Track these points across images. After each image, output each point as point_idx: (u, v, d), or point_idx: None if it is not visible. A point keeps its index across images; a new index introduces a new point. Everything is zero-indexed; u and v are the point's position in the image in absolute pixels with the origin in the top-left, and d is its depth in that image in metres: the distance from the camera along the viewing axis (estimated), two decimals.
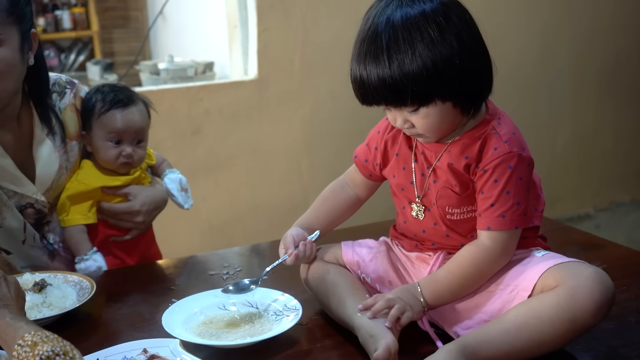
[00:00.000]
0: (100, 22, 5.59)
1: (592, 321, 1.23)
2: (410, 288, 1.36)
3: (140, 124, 1.88)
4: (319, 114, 3.42)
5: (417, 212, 1.44)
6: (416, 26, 1.25)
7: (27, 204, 1.79)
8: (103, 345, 1.36)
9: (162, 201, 1.97)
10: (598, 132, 4.15)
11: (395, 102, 1.29)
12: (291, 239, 1.49)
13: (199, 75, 3.62)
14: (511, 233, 1.32)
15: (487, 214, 1.32)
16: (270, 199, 3.42)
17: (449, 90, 1.27)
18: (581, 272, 1.25)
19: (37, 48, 1.73)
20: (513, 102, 3.82)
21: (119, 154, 1.85)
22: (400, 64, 1.24)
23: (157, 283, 1.74)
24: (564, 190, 4.04)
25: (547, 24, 3.85)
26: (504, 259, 1.34)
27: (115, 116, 1.85)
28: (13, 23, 1.62)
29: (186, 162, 3.16)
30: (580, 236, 1.94)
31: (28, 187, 1.78)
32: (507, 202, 1.31)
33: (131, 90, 1.93)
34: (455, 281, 1.34)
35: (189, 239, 3.26)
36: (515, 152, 1.31)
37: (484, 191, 1.32)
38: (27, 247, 1.81)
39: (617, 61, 4.09)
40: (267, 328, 1.43)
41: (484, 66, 1.32)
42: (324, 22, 3.30)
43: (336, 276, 1.48)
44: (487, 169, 1.31)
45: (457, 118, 1.33)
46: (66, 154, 1.86)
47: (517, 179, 1.31)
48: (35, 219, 1.83)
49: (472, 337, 1.26)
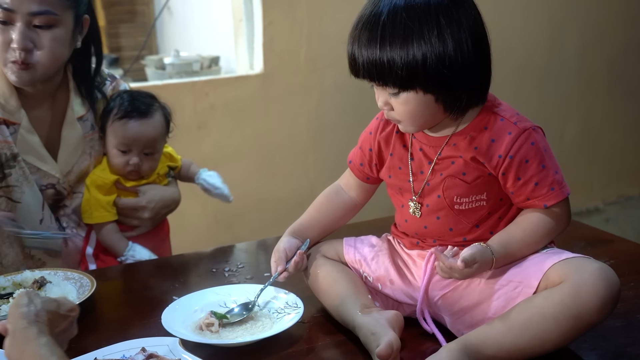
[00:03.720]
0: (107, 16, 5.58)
1: (597, 318, 1.21)
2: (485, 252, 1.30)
3: (151, 136, 1.87)
4: (325, 107, 3.39)
5: (414, 210, 1.42)
6: (417, 15, 1.23)
7: (48, 184, 1.81)
8: (102, 344, 1.35)
9: (171, 200, 1.97)
10: (607, 124, 4.11)
11: (378, 80, 1.29)
12: (283, 254, 1.47)
13: (205, 70, 3.61)
14: (566, 200, 1.35)
15: (537, 194, 1.32)
16: (276, 193, 3.41)
17: (432, 84, 1.26)
18: (585, 268, 1.22)
19: (86, 32, 1.80)
20: (521, 94, 3.79)
21: (127, 162, 1.86)
22: (391, 48, 1.24)
23: (159, 280, 1.73)
24: (573, 184, 3.96)
25: (555, 15, 3.82)
26: (568, 221, 1.37)
27: (125, 126, 1.85)
28: (70, 7, 1.71)
29: (192, 156, 3.12)
30: (588, 231, 1.91)
31: (51, 165, 1.81)
32: (548, 175, 1.31)
33: (152, 99, 1.92)
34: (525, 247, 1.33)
35: (195, 233, 3.25)
36: (529, 127, 1.31)
37: (520, 176, 1.31)
38: (44, 227, 1.82)
39: (627, 52, 4.05)
40: (268, 326, 1.41)
41: (479, 75, 1.29)
42: (329, 15, 3.28)
43: (338, 274, 1.46)
44: (513, 154, 1.30)
45: (438, 114, 1.31)
46: (93, 141, 1.90)
47: (543, 151, 1.32)
48: (53, 200, 1.84)
49: (474, 335, 1.24)
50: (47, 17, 1.64)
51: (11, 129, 1.73)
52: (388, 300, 1.46)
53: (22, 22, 1.62)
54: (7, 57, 1.66)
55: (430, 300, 1.40)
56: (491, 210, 1.36)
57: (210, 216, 3.31)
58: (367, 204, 1.61)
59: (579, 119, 4.02)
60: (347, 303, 1.38)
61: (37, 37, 1.65)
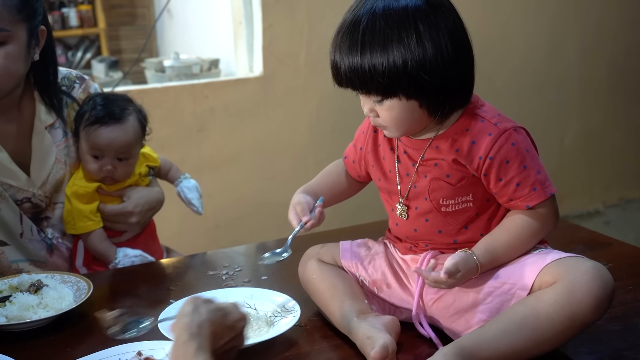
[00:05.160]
0: (107, 19, 5.58)
1: (592, 317, 1.20)
2: (468, 259, 1.31)
3: (123, 142, 1.81)
4: (325, 110, 3.39)
5: (401, 212, 1.42)
6: (395, 21, 1.24)
7: (23, 198, 1.77)
8: (98, 347, 1.35)
9: (156, 201, 1.94)
10: (608, 127, 4.10)
11: (361, 89, 1.30)
12: (306, 205, 1.47)
13: (205, 72, 3.61)
14: (551, 200, 1.32)
15: (519, 194, 1.31)
16: (276, 196, 3.39)
17: (415, 90, 1.26)
18: (579, 267, 1.22)
19: (43, 43, 1.73)
20: (521, 97, 3.78)
21: (100, 168, 1.82)
22: (371, 55, 1.24)
23: (156, 283, 1.72)
24: (573, 186, 4.00)
25: (556, 19, 3.82)
26: (555, 221, 1.35)
27: (97, 131, 1.79)
28: (23, 20, 1.63)
29: (191, 159, 3.16)
30: (587, 234, 1.91)
31: (23, 180, 1.76)
32: (529, 175, 1.30)
33: (126, 102, 1.86)
34: (511, 250, 1.32)
35: (195, 236, 3.25)
36: (510, 128, 1.30)
37: (501, 177, 1.31)
38: (25, 240, 1.79)
39: (627, 55, 4.04)
40: (264, 330, 1.40)
41: (462, 76, 1.29)
42: (329, 18, 3.27)
43: (334, 279, 1.45)
44: (493, 156, 1.30)
45: (423, 118, 1.31)
46: (67, 149, 1.85)
47: (524, 151, 1.30)
48: (32, 213, 1.81)
49: (469, 338, 1.23)
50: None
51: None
52: (385, 304, 1.45)
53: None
54: None
55: (425, 304, 1.39)
56: (479, 211, 1.36)
57: (210, 219, 3.31)
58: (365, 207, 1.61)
59: (579, 121, 4.01)
60: (344, 308, 1.37)
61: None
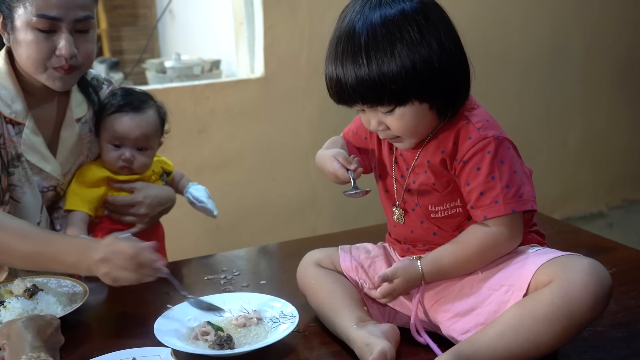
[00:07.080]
0: (109, 20, 5.59)
1: (590, 316, 1.18)
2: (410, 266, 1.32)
3: (142, 131, 1.85)
4: (326, 111, 3.37)
5: (398, 216, 1.41)
6: (396, 25, 1.24)
7: (50, 186, 1.80)
8: (94, 354, 1.33)
9: (167, 199, 1.95)
10: (611, 128, 4.08)
11: (372, 101, 1.27)
12: (347, 154, 1.42)
13: (206, 73, 3.60)
14: (512, 217, 1.28)
15: (480, 204, 1.29)
16: (277, 197, 3.39)
17: (426, 91, 1.25)
18: (574, 265, 1.20)
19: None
20: (524, 97, 3.76)
21: (119, 157, 1.85)
22: (379, 63, 1.23)
23: (153, 288, 1.69)
24: (577, 188, 3.98)
25: (558, 18, 3.80)
26: (510, 243, 1.30)
27: (117, 120, 1.84)
28: (96, 5, 1.73)
29: (192, 160, 3.14)
30: (590, 238, 1.88)
31: (53, 166, 1.80)
32: (495, 187, 1.27)
33: (146, 96, 1.92)
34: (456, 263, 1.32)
35: (196, 238, 3.23)
36: (491, 136, 1.28)
37: (469, 182, 1.29)
38: None
39: (630, 55, 4.03)
40: (262, 336, 1.39)
41: (462, 69, 1.29)
42: (330, 18, 3.20)
43: (333, 285, 1.43)
44: (466, 160, 1.29)
45: (433, 121, 1.31)
46: (90, 144, 1.89)
47: (499, 163, 1.27)
48: (51, 202, 1.84)
49: (467, 344, 1.22)
50: (88, 22, 1.67)
51: (16, 129, 1.74)
52: (385, 309, 1.44)
53: (68, 29, 1.64)
54: (50, 64, 1.66)
55: (424, 308, 1.38)
56: (469, 216, 1.34)
57: (211, 221, 3.26)
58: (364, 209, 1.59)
59: (582, 122, 3.99)
60: (342, 315, 1.36)
61: (78, 41, 1.67)
